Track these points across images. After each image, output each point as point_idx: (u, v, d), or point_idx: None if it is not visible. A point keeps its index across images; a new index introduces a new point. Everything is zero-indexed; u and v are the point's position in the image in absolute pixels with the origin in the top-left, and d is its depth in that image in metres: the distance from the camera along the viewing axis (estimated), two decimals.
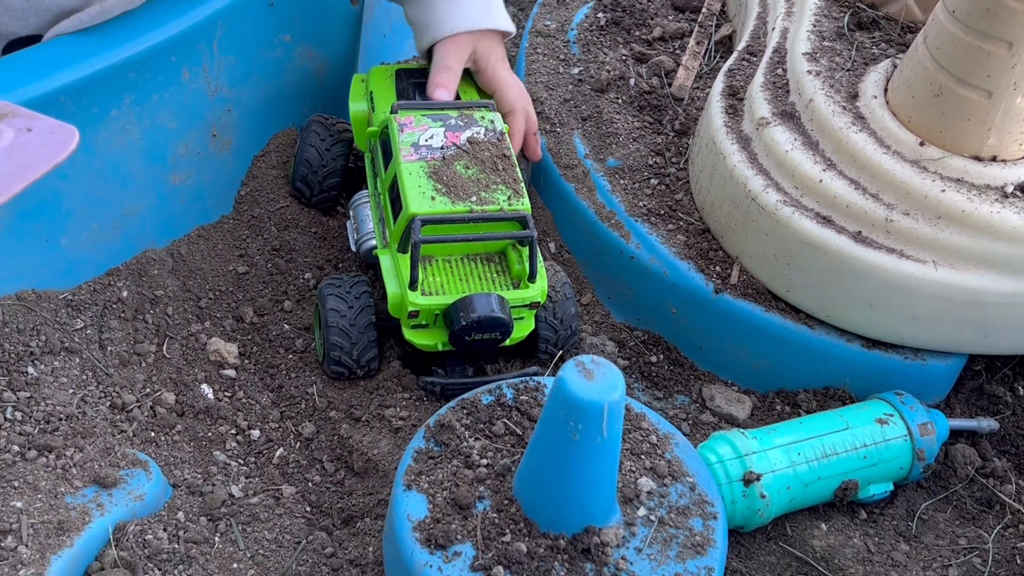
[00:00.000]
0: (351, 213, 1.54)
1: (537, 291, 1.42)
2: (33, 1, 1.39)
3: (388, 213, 1.44)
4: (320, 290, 1.46)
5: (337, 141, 1.63)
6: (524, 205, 1.40)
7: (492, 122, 1.48)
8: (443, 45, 1.54)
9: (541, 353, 1.51)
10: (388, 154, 1.46)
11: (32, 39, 1.43)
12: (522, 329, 1.45)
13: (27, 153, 1.01)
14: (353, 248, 1.52)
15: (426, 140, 1.44)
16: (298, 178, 1.63)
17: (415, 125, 1.46)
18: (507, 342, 1.42)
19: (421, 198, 1.38)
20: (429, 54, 1.57)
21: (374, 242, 1.48)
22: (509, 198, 1.40)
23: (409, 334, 1.42)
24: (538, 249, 1.43)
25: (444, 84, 1.53)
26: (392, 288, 1.39)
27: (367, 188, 1.54)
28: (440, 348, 1.43)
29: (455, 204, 1.38)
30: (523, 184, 1.43)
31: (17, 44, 1.43)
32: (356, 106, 1.58)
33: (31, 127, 1.03)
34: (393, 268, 1.41)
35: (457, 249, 1.42)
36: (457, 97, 1.56)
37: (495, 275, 1.43)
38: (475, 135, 1.45)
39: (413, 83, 1.58)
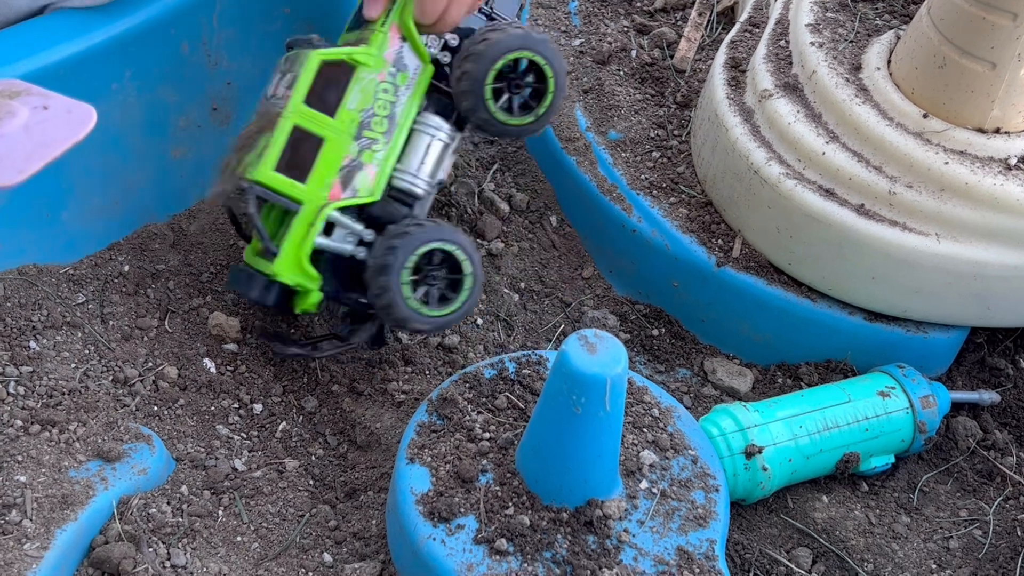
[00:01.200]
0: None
1: (272, 267, 1.32)
2: None
3: None
4: None
5: None
6: (251, 175, 1.29)
7: (301, 69, 1.31)
8: None
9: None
10: None
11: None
12: (302, 303, 1.36)
13: (46, 131, 1.01)
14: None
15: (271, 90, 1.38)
16: None
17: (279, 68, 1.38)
18: (297, 311, 1.37)
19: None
20: None
21: None
22: (251, 166, 1.30)
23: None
24: (312, 226, 1.31)
25: None
26: None
27: None
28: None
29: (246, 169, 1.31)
30: (272, 149, 1.29)
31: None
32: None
33: (47, 105, 1.03)
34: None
35: None
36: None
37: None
38: (280, 87, 1.35)
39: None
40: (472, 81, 1.31)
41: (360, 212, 1.34)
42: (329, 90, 1.30)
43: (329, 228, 1.33)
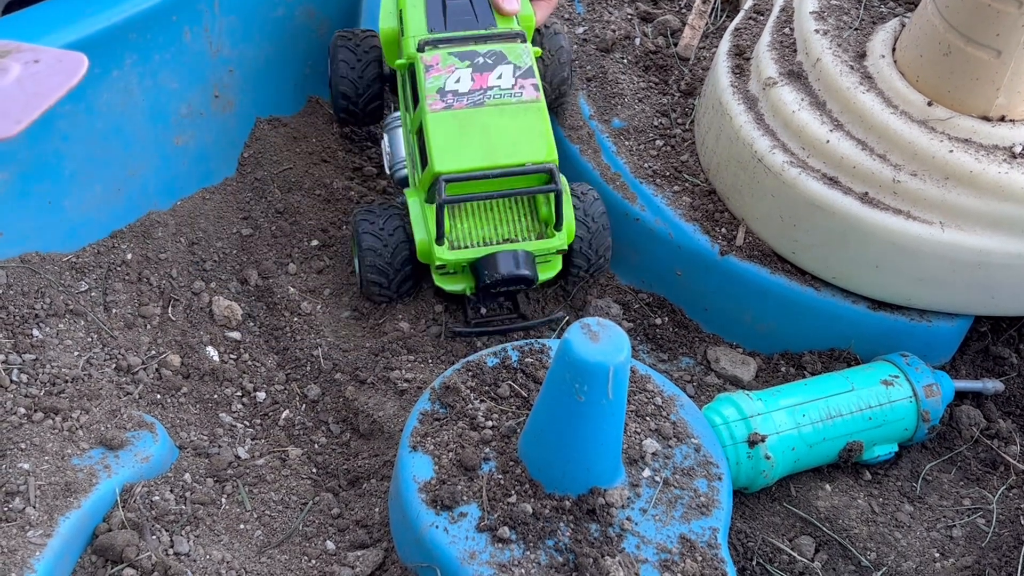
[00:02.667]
0: (384, 136, 1.56)
1: (563, 239, 1.44)
2: None
3: (416, 156, 1.46)
4: (355, 224, 1.48)
5: (368, 63, 1.60)
6: (550, 156, 1.41)
7: (521, 57, 1.46)
8: None
9: (576, 256, 1.51)
10: (416, 93, 1.46)
11: None
12: (549, 270, 1.47)
13: (39, 82, 1.01)
14: (388, 172, 1.55)
15: (453, 84, 1.44)
16: (339, 109, 1.63)
17: (442, 66, 1.45)
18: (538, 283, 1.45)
19: (446, 154, 1.39)
20: None
21: (406, 172, 1.50)
22: (536, 150, 1.40)
23: (438, 280, 1.45)
24: (567, 195, 1.44)
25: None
26: (420, 235, 1.43)
27: (399, 110, 1.54)
28: (468, 293, 1.46)
29: (481, 160, 1.39)
30: (550, 130, 1.43)
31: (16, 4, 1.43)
32: (385, 23, 1.55)
33: (38, 59, 1.03)
34: (421, 215, 1.44)
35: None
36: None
37: (522, 219, 1.45)
38: (503, 77, 1.44)
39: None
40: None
41: None
42: None
43: None
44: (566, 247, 1.45)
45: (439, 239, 1.40)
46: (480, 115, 1.42)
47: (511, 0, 1.50)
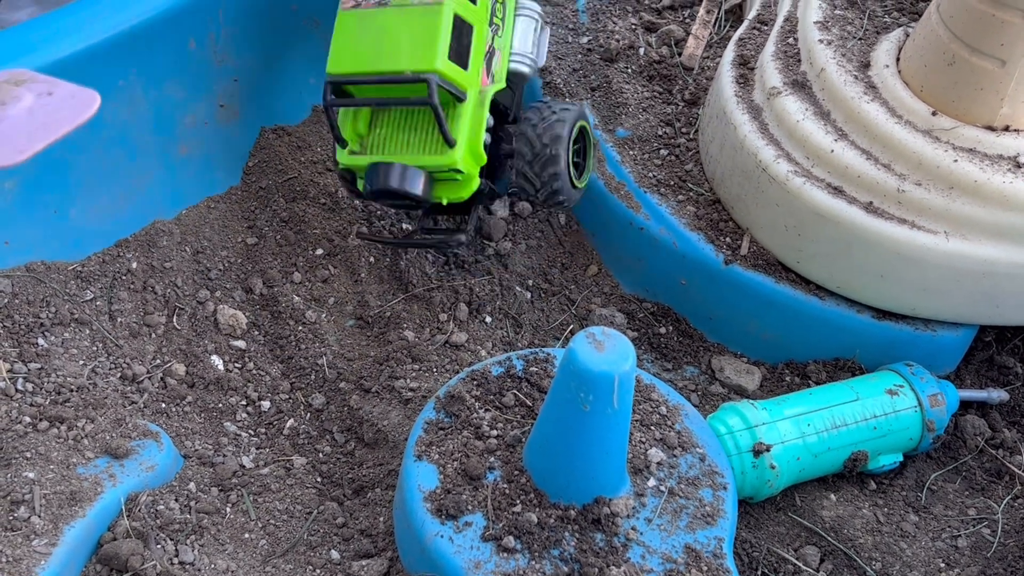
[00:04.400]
0: None
1: (454, 157, 1.36)
2: None
3: None
4: None
5: None
6: (430, 65, 1.33)
7: None
8: None
9: (517, 175, 1.45)
10: None
11: None
12: (457, 191, 1.41)
13: (49, 114, 1.02)
14: None
15: None
16: None
17: None
18: (445, 202, 1.40)
19: (337, 56, 1.36)
20: None
21: None
22: (418, 58, 1.33)
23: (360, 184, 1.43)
24: (478, 109, 1.37)
25: None
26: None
27: None
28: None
29: (365, 64, 1.34)
30: (442, 36, 1.34)
31: None
32: None
33: (52, 91, 1.04)
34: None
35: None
36: None
37: (430, 133, 1.39)
38: None
39: None
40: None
41: None
42: None
43: None
44: (460, 167, 1.37)
45: (338, 141, 1.38)
46: (381, 16, 1.37)
47: None
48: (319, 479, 1.36)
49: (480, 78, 1.38)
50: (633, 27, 1.83)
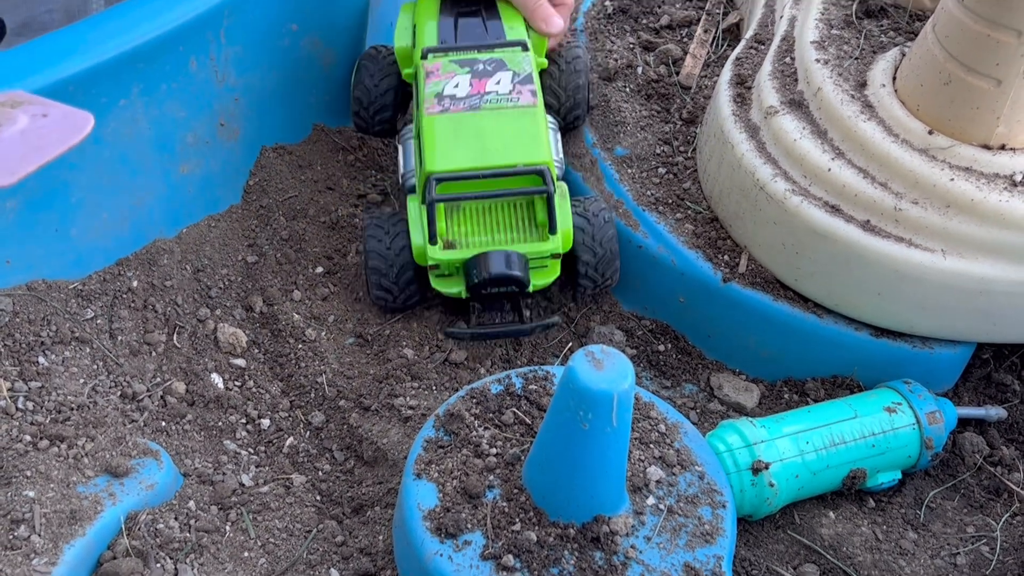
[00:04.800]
0: (399, 147, 1.58)
1: (557, 242, 1.44)
2: None
3: (418, 160, 1.48)
4: (364, 227, 1.51)
5: (386, 75, 1.64)
6: (542, 158, 1.42)
7: (521, 64, 1.50)
8: None
9: (582, 278, 1.52)
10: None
11: None
12: (545, 276, 1.47)
13: (41, 136, 1.02)
14: (400, 182, 1.57)
15: (451, 89, 1.47)
16: (354, 112, 1.67)
17: (442, 72, 1.48)
18: (531, 289, 1.45)
19: (439, 155, 1.41)
20: None
21: (414, 181, 1.51)
22: (528, 151, 1.42)
23: (435, 282, 1.46)
24: (562, 199, 1.45)
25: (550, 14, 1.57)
26: (416, 239, 1.44)
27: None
28: (464, 296, 1.46)
29: (473, 160, 1.41)
30: (545, 134, 1.45)
31: None
32: (399, 41, 1.60)
33: (47, 113, 1.04)
34: (418, 218, 1.45)
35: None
36: (490, 8, 1.58)
37: (520, 223, 1.45)
38: (501, 82, 1.47)
39: (457, 13, 1.59)
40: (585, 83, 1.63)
41: None
42: None
43: None
44: (561, 251, 1.45)
45: (432, 238, 1.41)
46: (476, 119, 1.44)
47: (552, 20, 1.54)
48: (318, 497, 1.36)
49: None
50: (631, 46, 1.84)
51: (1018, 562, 1.35)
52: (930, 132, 1.37)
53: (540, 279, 1.46)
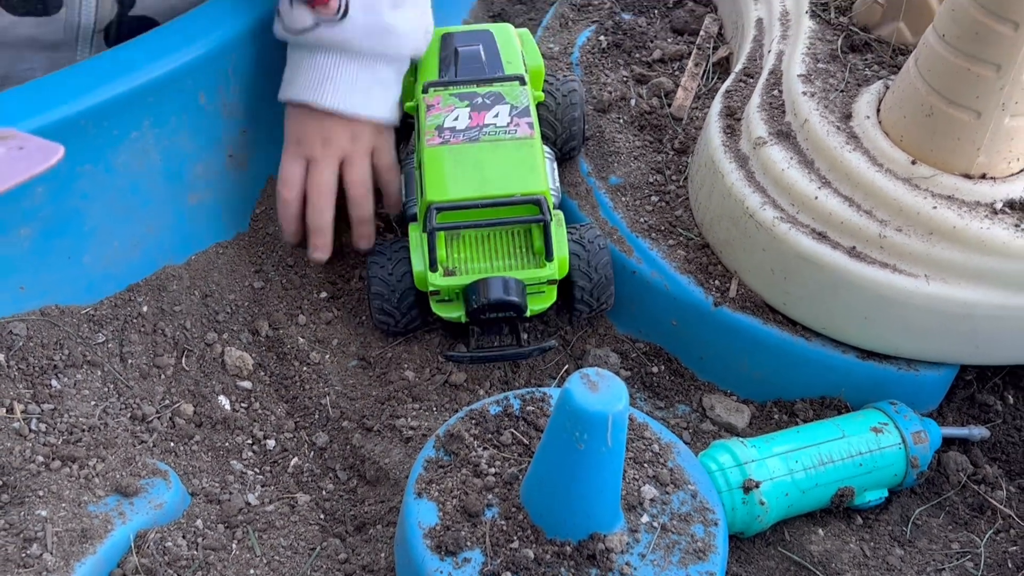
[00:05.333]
0: (401, 176, 1.59)
1: (553, 269, 1.44)
2: None
3: (419, 190, 1.49)
4: (367, 254, 1.53)
5: None
6: (539, 188, 1.43)
7: (518, 97, 1.51)
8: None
9: (578, 303, 1.52)
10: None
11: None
12: (542, 302, 1.47)
13: (11, 164, 1.02)
14: (402, 210, 1.58)
15: (451, 122, 1.48)
16: None
17: (442, 106, 1.50)
18: (529, 314, 1.45)
19: (439, 185, 1.42)
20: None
21: (416, 210, 1.52)
22: (525, 181, 1.43)
23: (435, 307, 1.47)
24: (558, 226, 1.46)
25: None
26: (417, 265, 1.45)
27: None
28: (464, 320, 1.46)
29: (472, 190, 1.42)
30: (542, 165, 1.46)
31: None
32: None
33: (23, 146, 1.04)
34: (420, 245, 1.46)
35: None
36: (490, 45, 1.59)
37: (518, 250, 1.46)
38: (499, 115, 1.48)
39: (456, 49, 1.60)
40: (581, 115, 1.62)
41: None
42: None
43: None
44: (557, 277, 1.46)
45: (432, 265, 1.42)
46: (475, 150, 1.45)
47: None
48: (322, 516, 1.36)
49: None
50: (624, 79, 1.85)
51: None
52: (913, 162, 1.38)
53: (537, 304, 1.46)
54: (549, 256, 1.44)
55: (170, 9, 1.47)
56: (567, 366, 1.54)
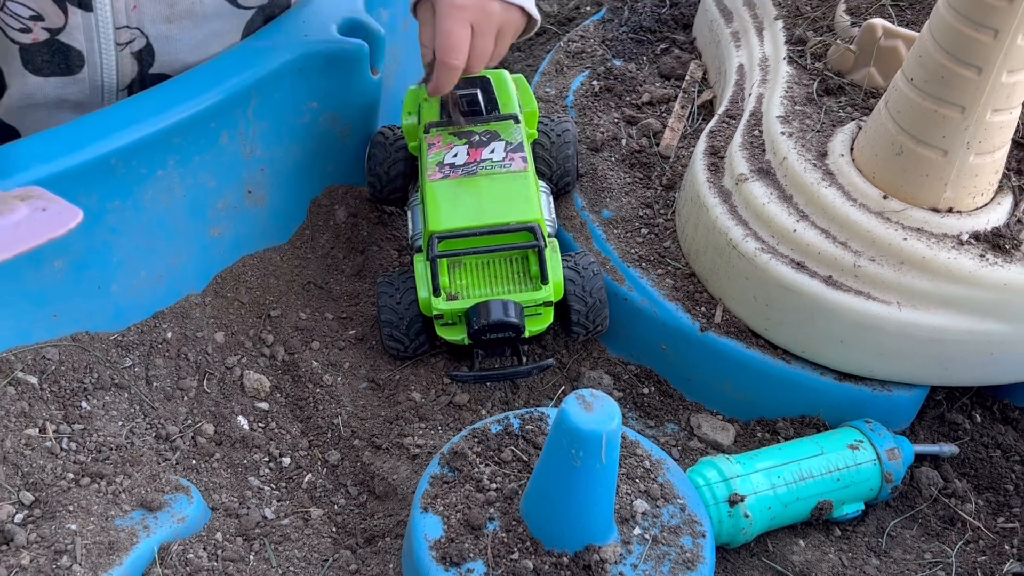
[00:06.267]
0: (408, 212, 1.61)
1: (549, 291, 1.45)
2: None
3: (423, 222, 1.50)
4: (377, 284, 1.53)
5: (395, 160, 1.65)
6: (533, 216, 1.45)
7: (513, 135, 1.54)
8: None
9: (575, 325, 1.52)
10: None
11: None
12: (539, 323, 1.48)
13: (31, 227, 1.02)
14: (408, 242, 1.60)
15: (450, 158, 1.50)
16: (369, 184, 1.69)
17: (442, 144, 1.52)
18: (526, 335, 1.46)
19: (440, 215, 1.44)
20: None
21: (421, 243, 1.53)
22: (520, 210, 1.45)
23: (440, 331, 1.48)
24: (553, 253, 1.47)
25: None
26: (422, 292, 1.46)
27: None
28: (466, 342, 1.47)
29: (471, 219, 1.44)
30: (536, 195, 1.48)
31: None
32: (407, 119, 1.62)
33: (46, 208, 1.03)
34: (424, 274, 1.47)
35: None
36: (487, 90, 1.59)
37: (516, 275, 1.47)
38: (495, 151, 1.51)
39: (457, 92, 1.60)
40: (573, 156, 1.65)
41: None
42: None
43: None
44: (552, 299, 1.47)
45: (436, 291, 1.43)
46: (473, 183, 1.48)
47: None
48: (334, 529, 1.36)
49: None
50: (616, 121, 1.86)
51: None
52: (885, 197, 1.39)
53: (534, 325, 1.47)
54: (544, 280, 1.45)
55: (184, 68, 1.48)
56: (563, 387, 1.55)
